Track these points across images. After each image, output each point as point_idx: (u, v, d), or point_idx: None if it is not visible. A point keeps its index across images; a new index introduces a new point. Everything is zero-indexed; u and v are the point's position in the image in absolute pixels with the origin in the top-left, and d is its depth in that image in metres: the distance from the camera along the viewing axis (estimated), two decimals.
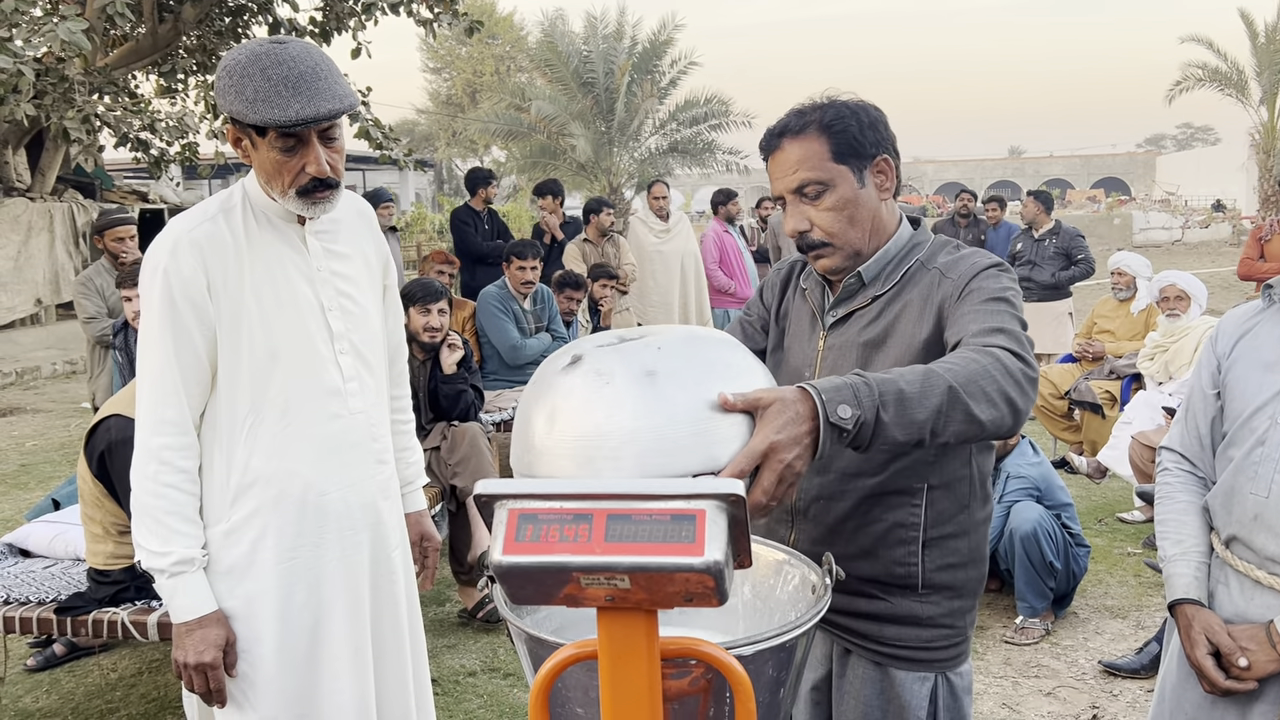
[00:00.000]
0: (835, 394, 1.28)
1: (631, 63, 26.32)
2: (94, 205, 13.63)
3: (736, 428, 1.24)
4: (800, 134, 1.69)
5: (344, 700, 2.10)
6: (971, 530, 1.75)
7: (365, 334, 2.15)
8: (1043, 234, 8.20)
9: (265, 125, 1.84)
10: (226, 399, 1.99)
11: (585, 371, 1.26)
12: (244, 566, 2.02)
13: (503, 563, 1.09)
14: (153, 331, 1.94)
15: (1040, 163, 63.33)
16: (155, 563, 1.95)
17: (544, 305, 6.18)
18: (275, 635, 2.04)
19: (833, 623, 1.77)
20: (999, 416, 1.41)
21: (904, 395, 1.33)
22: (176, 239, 1.93)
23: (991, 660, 3.97)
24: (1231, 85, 25.57)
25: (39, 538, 3.52)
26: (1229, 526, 1.88)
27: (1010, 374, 1.43)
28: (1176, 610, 1.92)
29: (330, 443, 2.07)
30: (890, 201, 1.76)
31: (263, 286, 1.99)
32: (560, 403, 1.25)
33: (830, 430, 1.27)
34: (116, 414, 2.95)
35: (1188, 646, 1.87)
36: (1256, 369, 1.88)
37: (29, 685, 3.87)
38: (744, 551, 1.13)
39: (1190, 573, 1.92)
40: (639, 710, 1.14)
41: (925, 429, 1.35)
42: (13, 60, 8.58)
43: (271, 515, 2.02)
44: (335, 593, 2.10)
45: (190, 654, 1.97)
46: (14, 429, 9.02)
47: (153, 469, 1.95)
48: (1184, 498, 2.01)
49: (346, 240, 2.13)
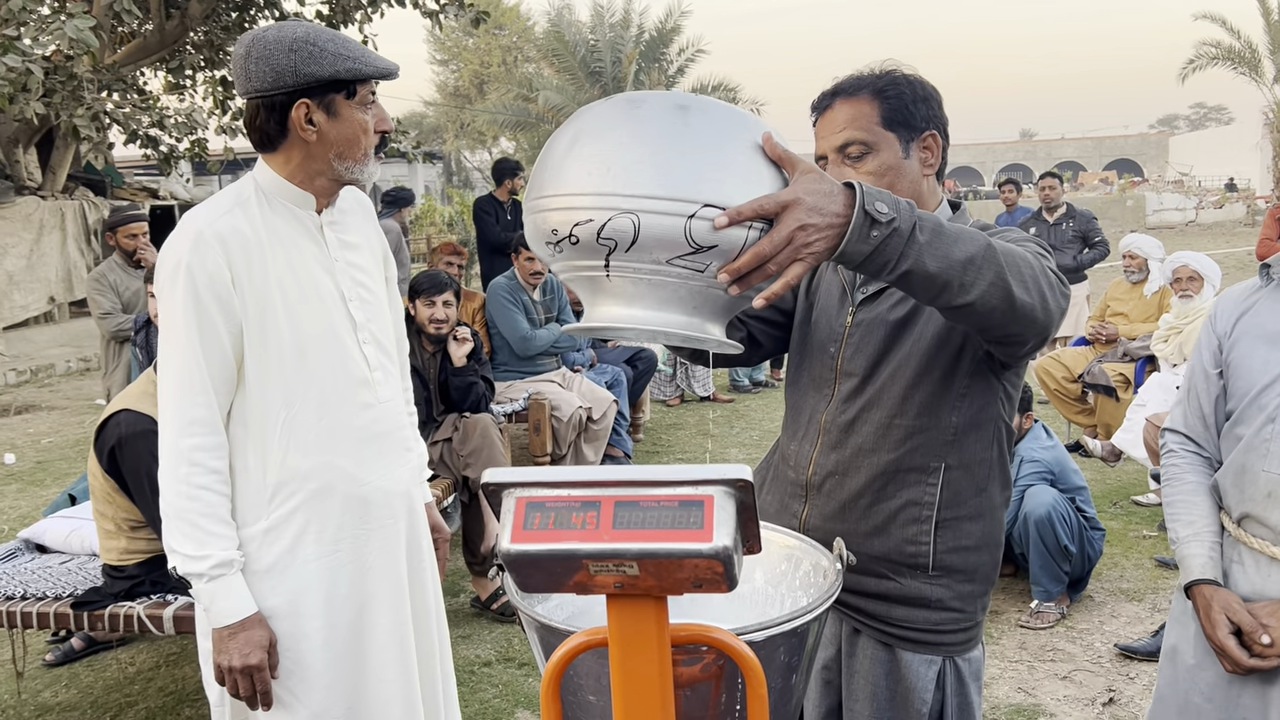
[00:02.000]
0: (877, 193, 1.27)
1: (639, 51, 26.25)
2: (105, 203, 13.69)
3: (760, 174, 1.23)
4: (853, 95, 1.68)
5: (390, 690, 2.09)
6: (987, 514, 1.74)
7: (381, 323, 2.15)
8: (1058, 217, 8.08)
9: (378, 74, 1.92)
10: (257, 395, 1.95)
11: (618, 100, 1.27)
12: (286, 564, 1.99)
13: (511, 551, 1.09)
14: (177, 329, 1.89)
15: (1052, 145, 62.96)
16: (192, 567, 1.89)
17: (554, 296, 6.18)
18: (322, 630, 2.02)
19: (842, 602, 1.77)
20: (1030, 303, 1.41)
21: (943, 227, 1.33)
22: (198, 233, 1.88)
23: (1007, 644, 3.96)
24: (1245, 63, 25.34)
25: (55, 533, 3.54)
26: (1241, 505, 1.87)
27: (1047, 275, 1.45)
28: (1194, 591, 1.90)
29: (365, 432, 2.06)
30: (932, 180, 1.74)
31: (286, 278, 1.96)
32: (587, 124, 1.26)
33: (863, 220, 1.24)
34: (126, 409, 2.96)
35: (1209, 627, 1.85)
36: (1261, 346, 1.87)
37: (48, 680, 3.90)
38: (753, 537, 1.12)
39: (1205, 553, 1.91)
40: (650, 697, 1.14)
41: (956, 271, 1.33)
42: (21, 59, 8.60)
43: (314, 510, 1.99)
44: (378, 582, 2.09)
45: (235, 658, 1.92)
46: (30, 426, 9.08)
47: (184, 471, 1.89)
48: (1192, 478, 2.00)
49: (355, 231, 2.13)
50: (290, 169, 1.97)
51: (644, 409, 7.42)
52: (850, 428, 1.73)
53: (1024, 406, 4.34)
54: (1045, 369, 6.59)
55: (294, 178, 1.98)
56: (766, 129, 1.27)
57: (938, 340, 1.65)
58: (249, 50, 1.89)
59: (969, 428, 1.69)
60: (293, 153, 1.96)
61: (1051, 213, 8.13)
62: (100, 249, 13.13)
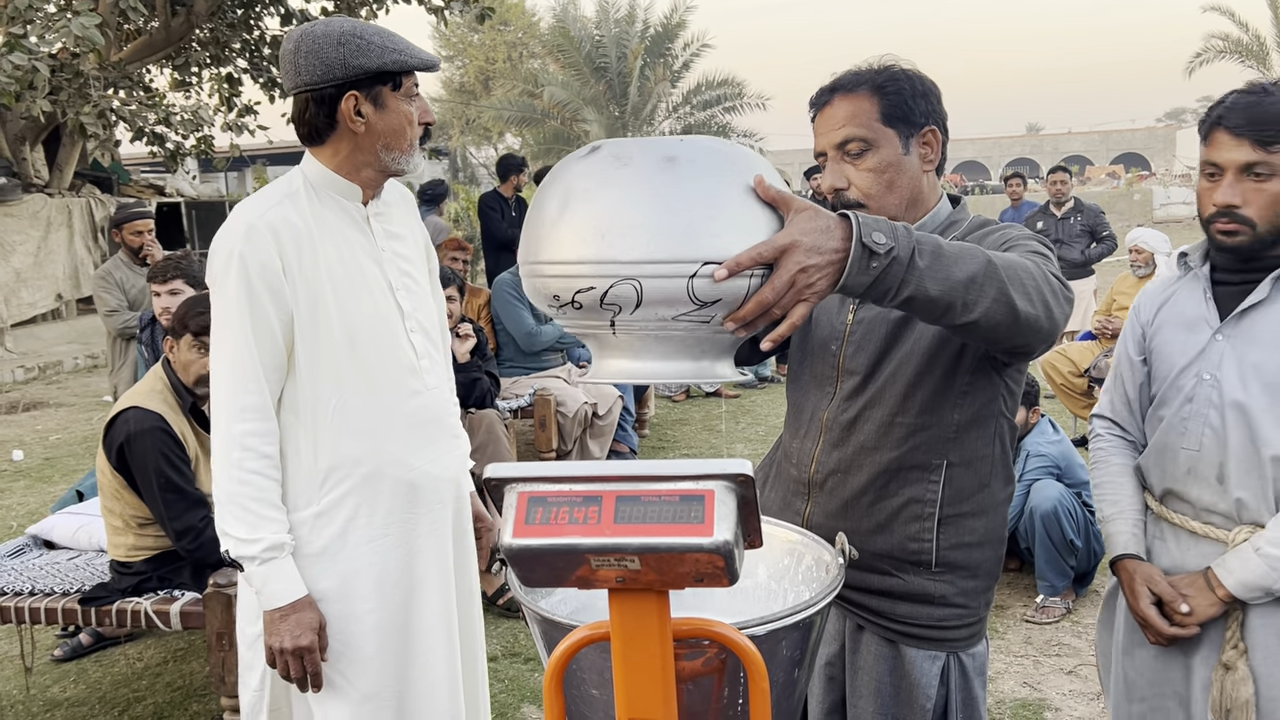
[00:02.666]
0: (873, 223, 1.26)
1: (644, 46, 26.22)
2: (111, 200, 13.73)
3: (755, 219, 1.21)
4: (852, 91, 1.67)
5: (437, 672, 2.14)
6: (990, 510, 1.74)
7: (427, 312, 2.20)
8: (1066, 212, 8.05)
9: (423, 66, 1.95)
10: (308, 382, 1.99)
11: (603, 156, 1.24)
12: (337, 548, 2.03)
13: (513, 545, 1.09)
14: (230, 318, 1.93)
15: (1059, 139, 62.77)
16: (244, 550, 1.94)
17: None
18: (373, 612, 2.06)
19: (846, 599, 1.77)
20: (1035, 314, 1.40)
21: (942, 249, 1.32)
22: (250, 224, 1.93)
23: (1012, 639, 3.96)
24: (1253, 56, 25.23)
25: (63, 529, 3.56)
26: (1163, 482, 1.95)
27: (1049, 282, 1.44)
28: (1119, 566, 1.99)
29: (413, 419, 2.10)
30: (932, 176, 1.74)
31: (335, 268, 2.01)
32: (576, 184, 1.24)
33: (861, 253, 1.23)
34: (134, 406, 2.98)
35: (1131, 599, 1.93)
36: (1180, 331, 1.95)
37: (56, 675, 3.92)
38: (754, 531, 1.13)
39: (1128, 530, 2.00)
40: (653, 691, 1.14)
41: (958, 292, 1.32)
42: (28, 57, 8.63)
43: (363, 495, 2.04)
44: (427, 566, 2.13)
45: (287, 639, 1.96)
46: (37, 423, 9.11)
47: (236, 456, 1.93)
48: (1117, 461, 2.08)
49: (399, 222, 2.18)
50: (338, 161, 2.02)
51: (649, 405, 7.42)
52: (852, 426, 1.73)
53: (1030, 401, 4.34)
54: (1051, 363, 6.58)
55: (341, 170, 2.03)
56: (757, 169, 1.25)
57: (939, 339, 1.65)
58: (298, 45, 1.94)
59: (971, 425, 1.69)
60: (340, 145, 2.00)
61: (1060, 207, 8.11)
62: (107, 246, 13.17)
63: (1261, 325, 1.83)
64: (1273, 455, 1.79)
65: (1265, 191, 1.77)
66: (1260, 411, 1.80)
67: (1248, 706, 1.80)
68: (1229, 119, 1.79)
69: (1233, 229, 1.81)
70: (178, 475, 2.92)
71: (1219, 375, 1.85)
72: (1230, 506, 1.85)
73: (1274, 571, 1.76)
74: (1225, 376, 1.84)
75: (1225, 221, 1.82)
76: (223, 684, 2.82)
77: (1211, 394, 1.86)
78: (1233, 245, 1.84)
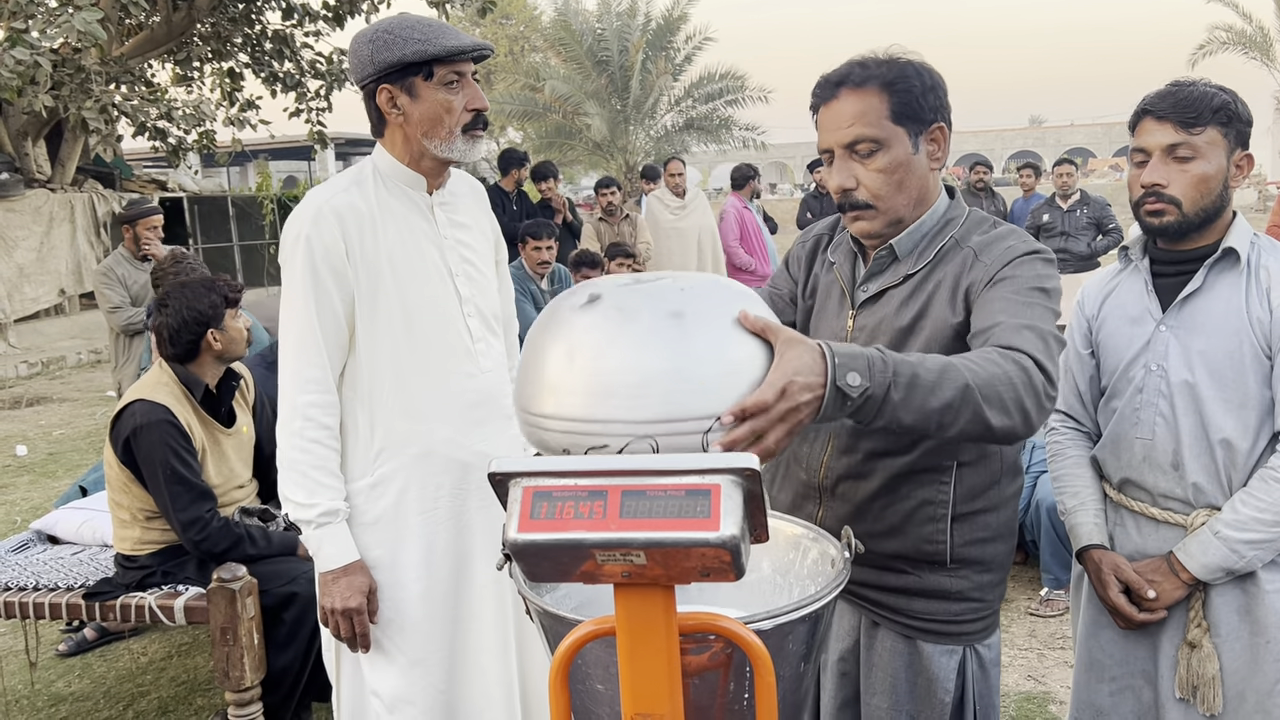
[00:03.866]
0: (849, 360, 1.25)
1: (646, 39, 26.15)
2: (114, 195, 13.72)
3: (754, 360, 1.22)
4: (861, 87, 1.61)
5: (485, 643, 2.23)
6: (1001, 505, 1.73)
7: (487, 299, 2.28)
8: (1072, 204, 8.00)
9: (443, 54, 1.98)
10: (366, 360, 2.11)
11: (607, 309, 1.22)
12: (390, 517, 2.14)
13: (518, 540, 1.09)
14: (296, 296, 2.06)
15: (1061, 131, 62.62)
16: (302, 514, 2.06)
17: (561, 285, 6.18)
18: (419, 581, 2.16)
19: (861, 596, 1.76)
20: (1010, 425, 1.38)
21: (917, 380, 1.30)
22: (318, 208, 2.05)
23: (1017, 632, 3.95)
24: (1256, 47, 25.16)
25: (67, 524, 3.56)
26: (1120, 471, 2.01)
27: (1032, 385, 1.40)
28: (1085, 556, 2.04)
29: (466, 400, 2.18)
30: (937, 174, 1.70)
31: (396, 252, 2.11)
32: (581, 338, 1.21)
33: (835, 394, 1.24)
34: (141, 398, 2.98)
35: (1100, 588, 2.00)
36: (1125, 324, 2.01)
37: (61, 670, 3.93)
38: (760, 526, 1.12)
39: (1091, 520, 2.05)
40: (658, 686, 1.14)
41: (933, 420, 1.33)
42: (29, 52, 8.62)
43: (414, 471, 2.14)
44: (475, 540, 2.22)
45: (337, 600, 2.08)
46: (41, 418, 9.12)
47: (298, 425, 2.06)
48: (1074, 452, 2.13)
49: (465, 212, 2.27)
50: (398, 151, 2.13)
51: None
52: (860, 432, 1.70)
53: None
54: None
55: (403, 159, 2.13)
56: (741, 304, 1.25)
57: (943, 350, 1.60)
58: (349, 47, 2.08)
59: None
60: (395, 136, 2.11)
61: (1066, 199, 8.06)
62: (110, 241, 13.17)
63: (1201, 313, 1.89)
64: (1221, 439, 1.87)
65: (1190, 173, 1.84)
66: (1208, 398, 1.87)
67: (1214, 682, 1.90)
68: (1154, 106, 1.87)
69: (1159, 209, 1.88)
70: (184, 468, 2.92)
71: (1165, 365, 1.92)
72: (1186, 491, 1.92)
73: (1233, 553, 1.84)
74: (1172, 366, 1.91)
75: (1153, 202, 1.88)
76: (227, 678, 2.82)
77: (1160, 384, 1.92)
78: (1161, 226, 1.90)
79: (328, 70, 13.96)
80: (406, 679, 2.17)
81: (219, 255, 17.05)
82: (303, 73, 14.05)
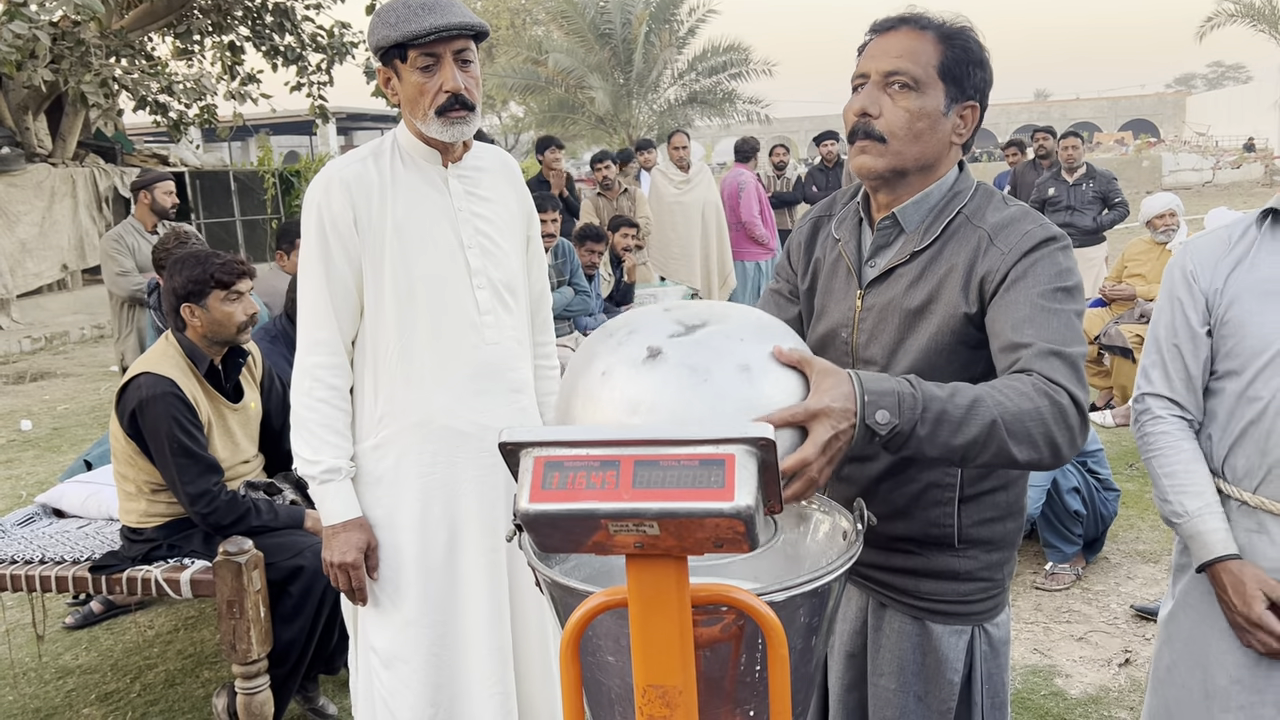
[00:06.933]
0: (878, 398, 1.31)
1: (649, 12, 25.93)
2: (115, 169, 13.67)
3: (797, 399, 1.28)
4: (922, 29, 1.60)
5: (481, 611, 2.28)
6: (1010, 484, 1.70)
7: (504, 273, 2.28)
8: (1078, 178, 7.90)
9: (405, 39, 2.01)
10: (373, 328, 2.18)
11: (678, 367, 1.22)
12: (391, 479, 2.23)
13: (530, 510, 1.07)
14: (309, 261, 2.15)
15: (1067, 105, 62.21)
16: (308, 470, 2.17)
17: (565, 259, 6.15)
18: (415, 544, 2.23)
19: (868, 577, 1.75)
20: (1037, 458, 1.40)
21: (945, 416, 1.34)
22: (330, 178, 2.14)
23: (1023, 606, 3.96)
24: (1265, 20, 24.93)
25: (72, 498, 3.56)
26: (1262, 470, 1.77)
27: (1065, 420, 1.41)
28: (1220, 568, 1.78)
29: (469, 370, 2.22)
30: (957, 149, 1.66)
31: (404, 222, 2.16)
32: (653, 399, 1.21)
33: (865, 431, 1.30)
34: (146, 371, 2.97)
35: (1242, 606, 1.74)
36: (1266, 302, 1.76)
37: (68, 643, 3.94)
38: (774, 497, 1.11)
39: (1223, 526, 1.79)
40: (670, 657, 1.13)
41: (956, 454, 1.37)
42: (28, 25, 8.56)
43: (412, 436, 2.20)
44: (469, 509, 2.26)
45: (336, 553, 2.18)
46: (45, 393, 9.13)
47: (307, 384, 2.16)
48: (1188, 446, 1.86)
49: (489, 187, 2.29)
50: (412, 125, 2.18)
51: None
52: None
53: None
54: None
55: (415, 133, 2.18)
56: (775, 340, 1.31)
57: (955, 336, 1.59)
58: None
59: None
60: (405, 112, 2.17)
61: (1072, 173, 7.95)
62: (112, 215, 13.13)
63: None
64: None
65: None
66: None
67: None
68: None
69: None
70: (190, 440, 2.92)
71: None
72: None
73: None
74: None
75: None
76: (234, 651, 2.82)
77: None
78: None
79: (329, 44, 13.87)
80: (402, 637, 2.25)
81: (221, 230, 17.00)
82: (304, 46, 13.95)
